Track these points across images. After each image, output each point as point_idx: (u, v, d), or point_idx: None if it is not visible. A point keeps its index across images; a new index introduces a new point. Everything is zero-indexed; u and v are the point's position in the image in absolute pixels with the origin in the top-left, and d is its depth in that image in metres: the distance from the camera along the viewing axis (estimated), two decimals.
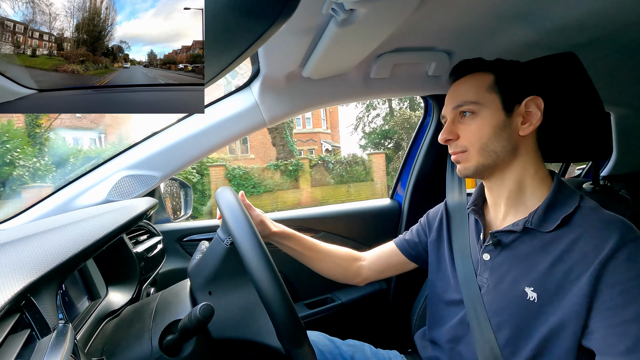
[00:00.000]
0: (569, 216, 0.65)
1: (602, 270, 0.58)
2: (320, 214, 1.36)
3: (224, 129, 1.01)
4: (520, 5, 0.77)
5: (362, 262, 0.98)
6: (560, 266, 0.62)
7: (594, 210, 0.65)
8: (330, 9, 0.67)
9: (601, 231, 0.61)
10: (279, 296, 0.54)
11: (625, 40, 0.95)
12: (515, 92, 0.71)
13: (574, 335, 0.60)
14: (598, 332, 0.58)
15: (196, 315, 0.54)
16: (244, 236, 0.58)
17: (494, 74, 0.72)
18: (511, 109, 0.70)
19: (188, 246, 1.20)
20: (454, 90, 0.75)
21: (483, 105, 0.70)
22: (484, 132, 0.70)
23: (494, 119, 0.69)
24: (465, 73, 0.75)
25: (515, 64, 0.75)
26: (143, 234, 0.96)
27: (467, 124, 0.72)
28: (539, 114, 0.69)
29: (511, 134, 0.70)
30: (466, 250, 0.78)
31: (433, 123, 1.33)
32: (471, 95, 0.71)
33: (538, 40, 0.90)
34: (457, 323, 0.77)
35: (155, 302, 0.69)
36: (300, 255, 0.95)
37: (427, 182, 1.37)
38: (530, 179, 0.71)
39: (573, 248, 0.62)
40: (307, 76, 0.99)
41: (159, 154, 0.99)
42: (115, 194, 0.96)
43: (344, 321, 1.32)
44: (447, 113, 0.76)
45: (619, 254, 0.58)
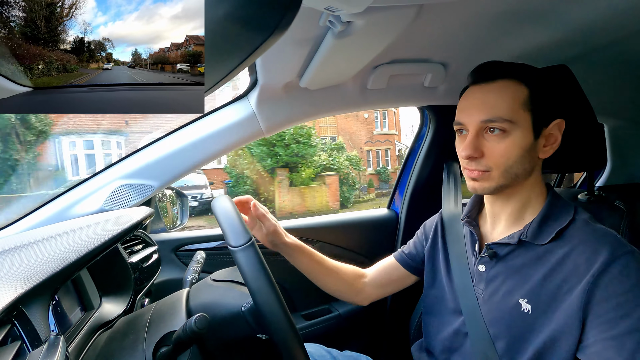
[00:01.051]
0: (563, 229, 0.65)
1: (595, 283, 0.58)
2: (317, 223, 1.36)
3: (221, 138, 1.01)
4: (514, 18, 0.78)
5: (365, 279, 0.96)
6: (553, 278, 0.63)
7: (587, 223, 0.65)
8: (327, 21, 0.68)
9: (593, 245, 0.61)
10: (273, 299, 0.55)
11: (615, 54, 0.97)
12: (547, 113, 0.65)
13: (569, 348, 0.59)
14: (594, 346, 0.58)
15: (191, 327, 0.54)
16: (245, 256, 0.58)
17: (529, 88, 0.64)
18: (539, 131, 0.65)
19: (184, 256, 1.19)
20: (481, 98, 0.66)
21: (517, 125, 0.63)
22: (512, 154, 0.64)
23: (524, 141, 0.64)
24: (494, 78, 0.66)
25: (550, 79, 0.68)
26: (138, 243, 0.95)
27: (494, 142, 0.64)
28: (559, 137, 0.67)
29: (533, 157, 0.66)
30: (463, 260, 0.77)
31: (429, 134, 1.34)
32: (506, 111, 0.63)
33: (531, 52, 0.92)
34: (453, 333, 0.77)
35: (149, 313, 0.68)
36: (307, 268, 0.92)
37: (424, 192, 1.37)
38: (535, 196, 0.70)
39: (566, 261, 0.62)
40: (304, 86, 1.00)
41: (156, 163, 0.99)
42: (110, 204, 0.95)
43: (342, 332, 1.31)
44: (471, 125, 0.66)
45: (611, 268, 0.58)
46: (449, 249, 0.82)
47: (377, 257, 1.38)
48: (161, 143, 1.03)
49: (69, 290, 0.69)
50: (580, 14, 0.75)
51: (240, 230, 0.61)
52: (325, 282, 0.93)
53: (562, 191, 1.00)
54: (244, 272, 0.57)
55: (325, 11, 0.59)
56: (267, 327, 0.56)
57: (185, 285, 0.80)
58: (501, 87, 0.65)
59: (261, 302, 0.56)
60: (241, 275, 0.58)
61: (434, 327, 0.83)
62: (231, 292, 0.69)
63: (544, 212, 0.68)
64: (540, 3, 0.72)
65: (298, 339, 0.57)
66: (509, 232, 0.71)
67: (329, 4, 0.55)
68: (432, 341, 0.83)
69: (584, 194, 0.89)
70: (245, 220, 0.72)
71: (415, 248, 0.93)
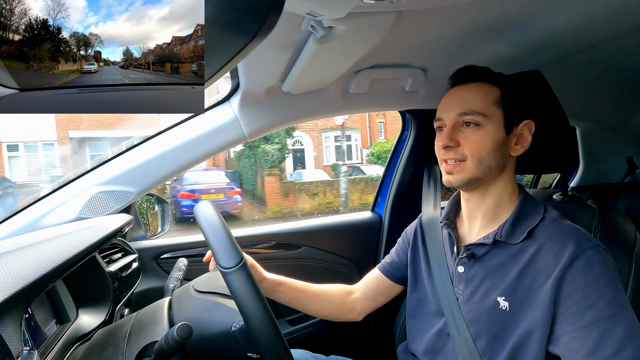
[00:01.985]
0: (534, 228, 0.68)
1: (562, 278, 0.61)
2: (301, 228, 1.35)
3: (202, 143, 1.00)
4: (490, 26, 0.81)
5: (355, 294, 0.96)
6: (527, 275, 0.65)
7: (555, 221, 0.69)
8: (309, 25, 0.68)
9: (560, 241, 0.64)
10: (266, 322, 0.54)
11: (586, 60, 1.02)
12: (517, 112, 0.71)
13: (541, 341, 0.62)
14: (562, 337, 0.60)
15: (173, 337, 0.52)
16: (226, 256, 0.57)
17: (500, 89, 0.71)
18: (510, 129, 0.70)
19: (165, 264, 1.16)
20: (458, 96, 0.72)
21: (489, 118, 0.69)
22: (485, 145, 0.69)
23: (496, 135, 0.69)
24: (470, 80, 0.73)
25: (519, 83, 0.74)
26: (117, 252, 0.92)
27: (469, 134, 0.70)
28: (529, 138, 0.71)
29: (505, 152, 0.71)
30: (442, 261, 0.79)
31: (411, 137, 1.37)
32: (478, 105, 0.69)
33: (506, 58, 0.95)
34: (435, 334, 0.78)
35: (129, 323, 0.66)
36: (293, 299, 0.90)
37: (406, 195, 1.39)
38: (508, 196, 0.73)
39: (537, 258, 0.65)
40: (287, 91, 1.00)
41: (136, 169, 0.97)
42: (88, 211, 0.92)
43: (327, 337, 1.31)
44: (448, 118, 0.72)
45: (576, 262, 0.61)
46: (429, 252, 0.83)
47: (362, 259, 1.39)
48: (140, 148, 1.00)
49: (43, 303, 0.66)
50: (552, 22, 0.78)
51: (231, 250, 0.59)
52: (315, 308, 0.92)
53: (538, 191, 1.03)
54: (237, 295, 0.56)
55: (307, 16, 0.59)
56: (260, 350, 0.56)
57: (167, 293, 0.78)
58: (476, 87, 0.71)
59: (255, 326, 0.55)
60: (233, 298, 0.57)
61: (417, 329, 0.84)
62: (219, 309, 0.67)
63: (516, 212, 0.71)
64: (515, 12, 0.75)
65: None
66: (485, 232, 0.73)
67: (311, 9, 0.55)
68: (416, 343, 0.84)
69: (559, 194, 0.92)
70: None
71: (398, 256, 0.94)
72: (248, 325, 0.56)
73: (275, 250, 1.29)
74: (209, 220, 0.63)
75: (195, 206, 0.69)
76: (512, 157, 0.73)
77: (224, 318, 0.65)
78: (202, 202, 0.71)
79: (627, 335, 0.56)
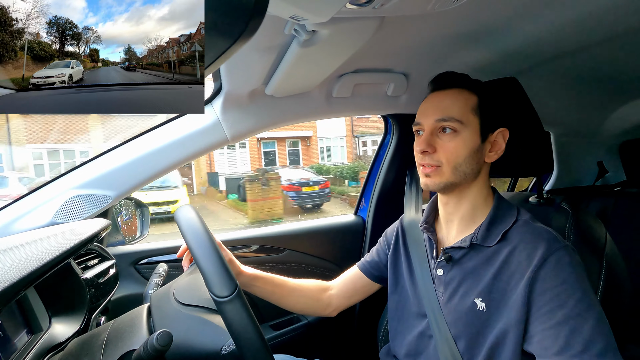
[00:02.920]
0: (508, 230, 0.71)
1: (534, 278, 0.63)
2: (284, 231, 1.35)
3: (184, 146, 0.98)
4: (470, 34, 0.83)
5: (331, 291, 0.96)
6: (502, 276, 0.67)
7: (527, 223, 0.71)
8: (292, 29, 0.69)
9: (532, 242, 0.67)
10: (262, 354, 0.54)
11: (560, 67, 1.06)
12: (492, 120, 0.73)
13: (517, 340, 0.64)
14: (535, 336, 0.63)
15: (153, 345, 0.51)
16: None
17: (478, 96, 0.72)
18: (485, 136, 0.72)
19: (144, 270, 1.13)
20: (437, 102, 0.73)
21: (465, 125, 0.70)
22: (461, 152, 0.70)
23: (471, 142, 0.71)
24: (450, 86, 0.74)
25: (497, 91, 0.76)
26: (93, 258, 0.89)
27: (446, 141, 0.71)
28: (503, 145, 0.74)
29: (480, 159, 0.73)
30: (425, 264, 0.80)
31: (393, 141, 1.38)
32: (456, 112, 0.70)
33: (485, 64, 0.98)
34: (417, 336, 0.79)
35: (106, 332, 0.64)
36: (270, 294, 0.91)
37: (389, 198, 1.41)
38: (483, 199, 0.76)
39: (511, 259, 0.68)
40: (270, 94, 1.00)
41: (114, 172, 0.94)
42: (62, 216, 0.89)
43: (311, 341, 1.30)
44: (427, 124, 0.73)
45: (547, 263, 0.63)
46: (411, 254, 0.85)
47: (345, 262, 1.39)
48: (119, 151, 0.98)
49: (12, 312, 0.63)
50: (528, 30, 0.81)
51: (225, 278, 0.57)
52: (291, 303, 0.93)
53: (515, 194, 1.06)
54: (232, 325, 0.55)
55: (290, 20, 0.59)
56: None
57: (146, 300, 0.76)
58: (455, 93, 0.73)
59: (250, 355, 0.54)
60: (227, 328, 0.55)
61: (399, 331, 0.85)
62: (207, 327, 0.66)
63: (491, 215, 0.73)
64: (493, 20, 0.78)
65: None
66: (462, 235, 0.75)
67: (294, 12, 0.55)
68: (397, 345, 0.85)
69: (535, 197, 0.95)
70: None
71: (378, 256, 0.95)
72: (242, 354, 0.55)
73: (258, 254, 1.28)
74: (196, 237, 0.61)
75: (177, 212, 0.67)
76: (487, 163, 0.75)
77: (213, 338, 0.64)
78: (184, 208, 0.69)
79: (594, 332, 0.58)
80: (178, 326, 0.66)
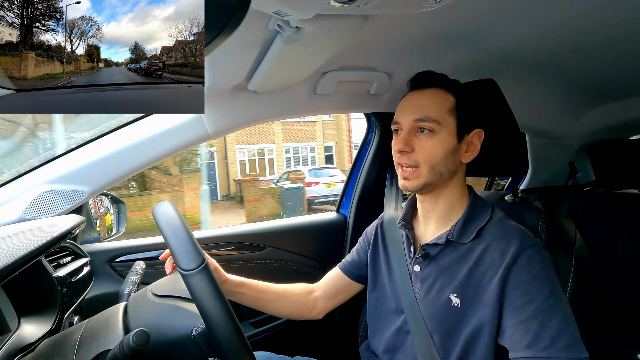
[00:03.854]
0: (482, 227, 0.73)
1: (507, 274, 0.66)
2: (265, 229, 1.34)
3: (163, 141, 0.96)
4: (451, 33, 0.85)
5: (316, 293, 0.97)
6: (476, 273, 0.70)
7: (501, 221, 0.74)
8: (276, 25, 0.68)
9: (505, 240, 0.69)
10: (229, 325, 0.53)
11: (536, 71, 1.10)
12: (469, 120, 0.74)
13: (491, 334, 0.66)
14: (507, 330, 0.65)
15: (129, 344, 0.50)
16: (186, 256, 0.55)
17: (455, 97, 0.73)
18: (462, 136, 0.74)
19: (120, 267, 1.10)
20: (415, 101, 0.74)
21: (442, 126, 0.71)
22: (437, 152, 0.71)
23: (448, 143, 0.72)
24: (428, 85, 0.75)
25: (475, 92, 0.78)
26: (66, 255, 0.86)
27: (423, 141, 0.72)
28: (479, 146, 0.76)
29: (456, 159, 0.74)
30: (402, 261, 0.82)
31: (375, 139, 1.40)
32: (434, 112, 0.71)
33: (467, 65, 1.00)
34: (395, 332, 0.81)
35: (79, 332, 0.61)
36: (254, 300, 0.89)
37: (371, 195, 1.42)
38: (458, 198, 0.77)
39: (485, 256, 0.70)
40: (253, 90, 0.98)
41: (89, 166, 0.91)
42: (32, 212, 0.85)
43: (292, 338, 1.30)
44: (405, 123, 0.74)
45: (519, 260, 0.66)
46: (390, 252, 0.86)
47: (327, 260, 1.40)
48: (95, 145, 0.94)
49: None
50: (509, 34, 0.84)
51: (192, 251, 0.56)
52: (277, 308, 0.92)
53: (492, 193, 1.09)
54: (198, 298, 0.54)
55: (274, 15, 0.59)
56: (223, 354, 0.54)
57: (122, 299, 0.74)
58: (433, 94, 0.74)
59: (217, 329, 0.53)
60: (194, 301, 0.54)
61: (377, 327, 0.86)
62: (179, 313, 0.64)
63: (466, 213, 0.75)
64: (475, 22, 0.80)
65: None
66: (438, 232, 0.77)
67: (278, 8, 0.55)
68: (376, 342, 0.86)
69: (510, 196, 0.98)
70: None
71: (358, 255, 0.96)
72: (210, 329, 0.54)
73: (239, 251, 1.26)
74: (167, 220, 0.60)
75: (155, 207, 0.66)
76: (463, 164, 0.77)
77: (184, 322, 0.63)
78: (161, 202, 0.68)
79: (562, 326, 0.61)
80: (151, 314, 0.65)
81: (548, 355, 0.60)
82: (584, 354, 0.61)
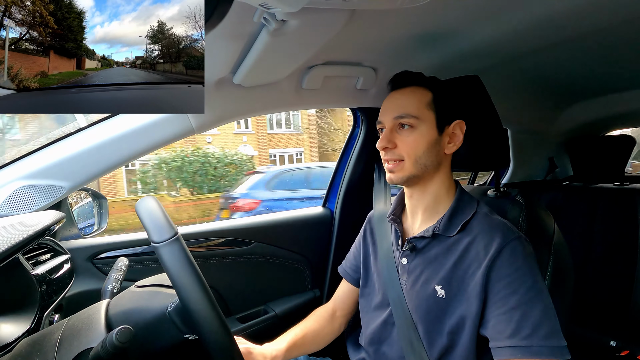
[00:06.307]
0: (468, 221, 0.75)
1: (491, 267, 0.68)
2: (251, 224, 1.33)
3: (146, 135, 0.94)
4: (435, 30, 0.86)
5: (337, 312, 0.99)
6: (461, 265, 0.72)
7: (486, 215, 0.76)
8: (262, 17, 0.67)
9: (489, 233, 0.71)
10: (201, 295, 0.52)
11: (517, 68, 1.12)
12: (448, 113, 0.77)
13: (474, 325, 0.69)
14: (490, 321, 0.67)
15: (112, 341, 0.49)
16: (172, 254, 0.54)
17: (432, 92, 0.77)
18: (442, 128, 0.77)
19: (102, 264, 1.07)
20: (395, 100, 0.78)
21: (422, 120, 0.75)
22: (419, 145, 0.75)
23: (429, 135, 0.75)
24: (406, 84, 0.78)
25: (449, 86, 0.81)
26: (45, 252, 0.83)
27: (405, 136, 0.76)
28: (461, 136, 0.78)
29: (439, 151, 0.77)
30: (390, 254, 0.84)
31: (362, 134, 1.40)
32: (412, 109, 0.75)
33: (450, 62, 1.01)
34: (381, 325, 0.82)
35: (60, 330, 0.60)
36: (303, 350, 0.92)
37: (357, 190, 1.43)
38: (445, 191, 0.79)
39: (470, 249, 0.72)
40: (238, 83, 0.97)
41: (69, 160, 0.88)
42: (8, 208, 0.82)
43: (279, 332, 1.30)
44: (387, 121, 0.78)
45: (503, 253, 0.68)
46: (378, 245, 0.87)
47: (314, 254, 1.41)
48: (75, 138, 0.91)
49: None
50: (489, 31, 0.85)
51: (164, 225, 0.55)
52: (320, 345, 0.96)
53: (475, 187, 1.12)
54: (168, 267, 0.53)
55: (260, 7, 0.58)
56: (195, 325, 0.53)
57: (105, 296, 0.72)
58: (411, 91, 0.78)
59: (188, 298, 0.52)
60: (165, 272, 0.53)
61: (365, 321, 0.88)
62: (156, 296, 0.64)
63: (453, 206, 0.77)
64: (458, 21, 0.81)
65: (229, 335, 0.55)
66: (425, 226, 0.79)
67: (264, 0, 0.54)
68: (363, 335, 0.88)
69: (492, 190, 1.01)
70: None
71: (354, 258, 0.98)
72: (181, 299, 0.53)
73: (225, 247, 1.25)
74: (144, 204, 0.60)
75: (138, 201, 0.65)
76: (447, 155, 0.79)
77: (161, 303, 0.62)
78: (145, 197, 0.67)
79: (542, 317, 0.64)
80: (130, 301, 0.64)
81: (529, 344, 0.62)
82: (562, 342, 0.63)
